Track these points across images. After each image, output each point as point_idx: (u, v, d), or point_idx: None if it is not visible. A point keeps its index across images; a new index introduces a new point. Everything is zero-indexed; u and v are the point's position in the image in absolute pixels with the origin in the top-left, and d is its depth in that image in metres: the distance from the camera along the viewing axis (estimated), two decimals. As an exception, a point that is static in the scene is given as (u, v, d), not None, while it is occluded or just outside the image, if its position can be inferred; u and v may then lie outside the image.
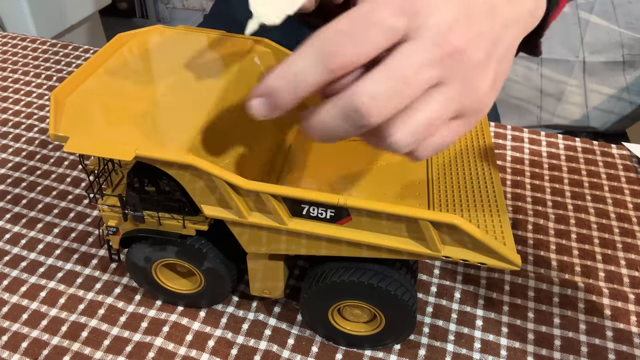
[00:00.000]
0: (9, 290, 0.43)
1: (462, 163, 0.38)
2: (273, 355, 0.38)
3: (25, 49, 0.73)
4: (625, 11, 1.41)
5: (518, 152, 0.57)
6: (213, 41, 0.42)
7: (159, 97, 0.35)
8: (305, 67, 0.24)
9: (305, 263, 0.45)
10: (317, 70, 0.23)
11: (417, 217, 0.29)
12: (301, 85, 0.24)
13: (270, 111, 0.26)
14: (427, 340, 0.39)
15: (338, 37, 0.23)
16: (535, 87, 1.52)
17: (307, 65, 0.24)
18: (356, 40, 0.23)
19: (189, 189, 0.32)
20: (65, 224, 0.48)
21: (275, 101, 0.25)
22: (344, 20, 0.24)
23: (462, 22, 0.25)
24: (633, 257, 0.46)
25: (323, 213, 0.31)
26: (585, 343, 0.39)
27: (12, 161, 0.55)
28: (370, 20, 0.23)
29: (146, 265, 0.39)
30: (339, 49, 0.23)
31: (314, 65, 0.23)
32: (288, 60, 0.24)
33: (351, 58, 0.23)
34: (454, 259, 0.31)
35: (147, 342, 0.39)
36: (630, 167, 0.55)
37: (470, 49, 0.25)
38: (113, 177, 0.38)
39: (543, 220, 0.49)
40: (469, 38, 0.24)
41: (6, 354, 0.38)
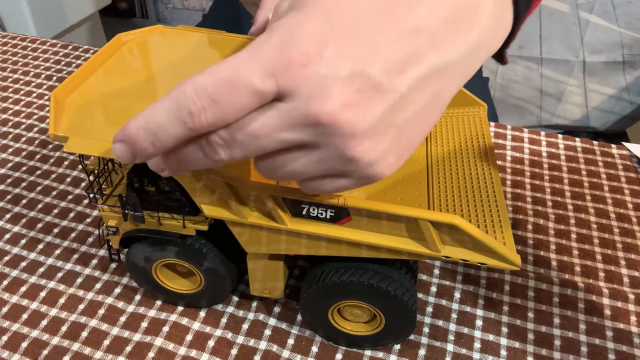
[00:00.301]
0: (9, 290, 0.43)
1: (462, 163, 0.38)
2: (273, 355, 0.38)
3: (25, 49, 0.73)
4: (625, 11, 1.41)
5: (518, 152, 0.57)
6: (213, 41, 0.42)
7: (159, 97, 0.35)
8: (166, 124, 0.22)
9: (305, 263, 0.45)
10: (178, 129, 0.22)
11: (417, 217, 0.29)
12: (162, 140, 0.23)
13: (133, 158, 0.24)
14: (427, 340, 0.39)
15: (201, 99, 0.21)
16: (535, 87, 1.53)
17: (168, 122, 0.22)
18: (220, 106, 0.21)
19: (189, 189, 0.32)
20: (65, 224, 0.48)
21: (136, 151, 0.24)
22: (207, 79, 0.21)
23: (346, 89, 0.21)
24: (633, 257, 0.46)
25: (323, 213, 0.31)
26: (585, 343, 0.39)
27: (12, 161, 0.55)
28: (236, 84, 0.21)
29: (146, 265, 0.39)
30: (201, 112, 0.21)
31: (175, 124, 0.22)
32: (150, 109, 0.23)
33: (215, 121, 0.22)
34: (454, 259, 0.31)
35: (147, 342, 0.39)
36: (630, 167, 0.55)
37: (349, 120, 0.21)
38: (113, 177, 0.38)
39: (543, 220, 0.49)
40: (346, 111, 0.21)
41: (6, 354, 0.38)
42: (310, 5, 0.22)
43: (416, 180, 0.36)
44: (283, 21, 0.22)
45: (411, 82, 0.22)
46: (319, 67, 0.21)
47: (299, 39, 0.21)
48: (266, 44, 0.21)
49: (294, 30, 0.21)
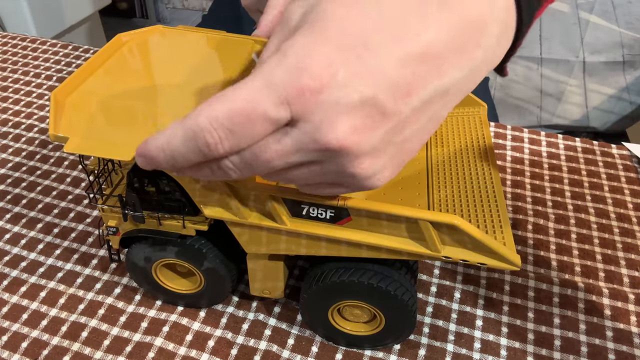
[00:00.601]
0: (9, 290, 0.43)
1: (462, 163, 0.38)
2: (273, 355, 0.38)
3: (25, 49, 0.73)
4: (625, 11, 1.41)
5: (518, 152, 0.57)
6: (213, 41, 0.42)
7: (159, 97, 0.35)
8: (184, 151, 0.23)
9: (305, 263, 0.45)
10: (194, 157, 0.23)
11: (417, 218, 0.29)
12: (179, 164, 0.24)
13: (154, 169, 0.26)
14: (427, 340, 0.39)
15: (217, 131, 0.22)
16: (535, 87, 1.53)
17: (186, 150, 0.23)
18: (236, 136, 0.22)
19: (189, 189, 0.32)
20: (65, 224, 0.48)
21: (156, 166, 0.25)
22: (223, 112, 0.22)
23: (356, 114, 0.22)
24: (633, 257, 0.46)
25: (323, 213, 0.31)
26: (585, 343, 0.39)
27: (12, 161, 0.55)
28: (251, 116, 0.21)
29: (146, 265, 0.39)
30: (218, 144, 0.22)
31: (192, 152, 0.23)
32: (168, 135, 0.24)
33: (230, 150, 0.23)
34: (454, 259, 0.31)
35: (147, 342, 0.39)
36: (630, 167, 0.55)
37: (352, 147, 0.22)
38: (113, 177, 0.38)
39: (543, 220, 0.49)
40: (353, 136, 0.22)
41: (6, 354, 0.38)
42: (321, 26, 0.22)
43: (416, 180, 0.36)
44: (294, 43, 0.22)
45: (415, 104, 0.23)
46: (331, 93, 0.21)
47: (312, 65, 0.21)
48: (279, 69, 0.21)
49: (306, 55, 0.21)
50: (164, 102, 0.35)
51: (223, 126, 0.22)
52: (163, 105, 0.35)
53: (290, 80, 0.21)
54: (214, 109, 0.22)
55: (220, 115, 0.22)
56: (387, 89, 0.22)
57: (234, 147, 0.23)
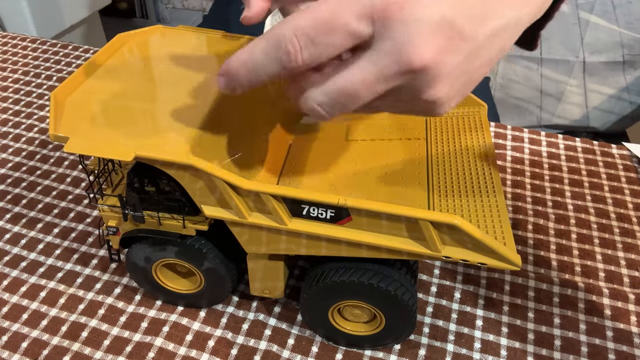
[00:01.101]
0: (9, 290, 0.43)
1: (462, 163, 0.38)
2: (273, 355, 0.38)
3: (25, 49, 0.73)
4: (625, 11, 1.41)
5: (518, 152, 0.57)
6: (213, 41, 0.42)
7: (159, 97, 0.35)
8: (265, 61, 0.24)
9: (305, 263, 0.45)
10: (275, 66, 0.24)
11: (417, 217, 0.29)
12: (260, 76, 0.25)
13: (231, 90, 0.27)
14: (427, 340, 0.39)
15: (299, 39, 0.23)
16: (535, 87, 1.52)
17: (267, 60, 0.24)
18: (317, 46, 0.23)
19: (189, 189, 0.32)
20: (65, 224, 0.48)
21: (235, 83, 0.26)
22: (307, 21, 0.22)
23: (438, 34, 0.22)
24: (633, 257, 0.46)
25: (323, 213, 0.31)
26: (585, 343, 0.39)
27: (12, 161, 0.55)
28: (333, 25, 0.22)
29: (146, 265, 0.39)
30: (298, 52, 0.23)
31: (274, 62, 0.24)
32: (251, 48, 0.24)
33: (310, 60, 0.23)
34: (454, 259, 0.31)
35: (147, 342, 0.39)
36: (630, 167, 0.55)
37: (434, 67, 0.23)
38: (113, 177, 0.38)
39: (543, 220, 0.49)
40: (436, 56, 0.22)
41: (6, 354, 0.38)
42: None
43: (416, 180, 0.36)
44: None
45: (490, 32, 0.23)
46: (414, 11, 0.22)
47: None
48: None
49: None
50: (164, 102, 0.35)
51: (305, 34, 0.22)
52: (163, 105, 0.35)
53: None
54: (299, 19, 0.22)
55: (304, 23, 0.22)
56: (466, 13, 0.22)
57: (313, 57, 0.23)
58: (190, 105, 0.35)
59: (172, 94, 0.36)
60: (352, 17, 0.22)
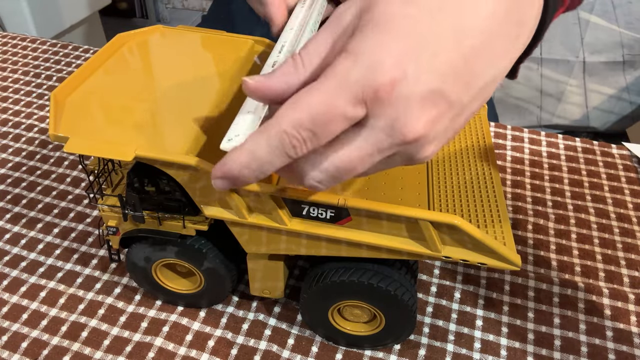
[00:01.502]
0: (9, 290, 0.43)
1: (462, 163, 0.38)
2: (273, 355, 0.38)
3: (25, 49, 0.73)
4: (625, 11, 1.41)
5: (518, 152, 0.57)
6: (213, 41, 0.42)
7: (159, 97, 0.35)
8: (272, 158, 0.25)
9: (305, 263, 0.45)
10: (280, 160, 0.25)
11: (417, 218, 0.29)
12: (267, 171, 0.26)
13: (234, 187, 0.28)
14: (427, 340, 0.39)
15: (301, 134, 0.24)
16: (535, 87, 1.52)
17: (273, 157, 0.25)
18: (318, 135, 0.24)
19: (189, 189, 0.32)
20: (65, 224, 0.48)
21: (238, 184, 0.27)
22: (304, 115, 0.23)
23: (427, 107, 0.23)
24: (633, 257, 0.46)
25: (323, 213, 0.31)
26: (585, 343, 0.39)
27: (12, 161, 0.55)
28: (331, 116, 0.23)
29: (146, 265, 0.39)
30: (303, 144, 0.24)
31: (280, 157, 0.24)
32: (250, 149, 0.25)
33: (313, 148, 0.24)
34: (454, 259, 0.31)
35: (147, 342, 0.39)
36: (630, 167, 0.55)
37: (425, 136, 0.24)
38: (113, 177, 0.38)
39: (543, 220, 0.49)
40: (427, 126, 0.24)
41: (6, 354, 0.38)
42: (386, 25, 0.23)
43: (416, 180, 0.36)
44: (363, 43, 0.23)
45: (473, 94, 0.25)
46: (403, 89, 0.23)
47: (385, 64, 0.22)
48: (353, 70, 0.23)
49: (378, 54, 0.22)
50: (164, 102, 0.35)
51: (306, 129, 0.23)
52: (163, 105, 0.35)
53: (365, 80, 0.22)
54: (295, 116, 0.23)
55: (303, 120, 0.23)
56: (452, 81, 0.23)
57: (315, 145, 0.24)
58: (190, 105, 0.35)
59: (172, 94, 0.36)
60: (347, 104, 0.23)
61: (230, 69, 0.39)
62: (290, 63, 0.25)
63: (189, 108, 0.35)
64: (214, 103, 0.35)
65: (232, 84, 0.38)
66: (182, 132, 0.33)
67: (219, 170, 0.26)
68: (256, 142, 0.25)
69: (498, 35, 0.24)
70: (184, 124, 0.33)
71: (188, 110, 0.34)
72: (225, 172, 0.26)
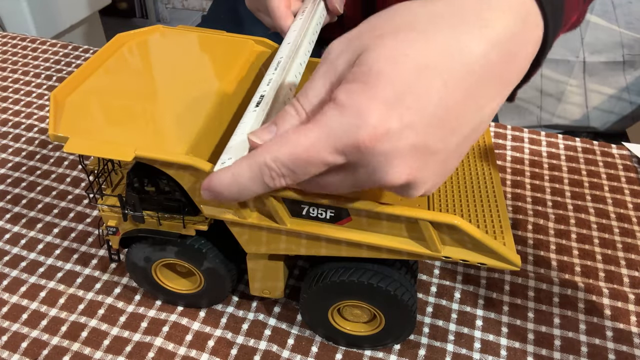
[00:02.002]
0: (9, 290, 0.43)
1: (462, 163, 0.38)
2: (273, 355, 0.38)
3: (25, 49, 0.73)
4: (625, 11, 1.41)
5: (518, 152, 0.57)
6: (213, 41, 0.42)
7: (159, 97, 0.35)
8: (250, 185, 0.26)
9: (305, 263, 0.45)
10: (259, 187, 0.27)
11: (417, 218, 0.29)
12: (245, 197, 0.27)
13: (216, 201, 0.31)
14: (427, 340, 0.39)
15: (281, 169, 0.25)
16: (535, 87, 1.52)
17: (252, 184, 0.26)
18: (296, 174, 0.25)
19: (189, 189, 0.32)
20: (65, 224, 0.48)
21: (221, 200, 0.28)
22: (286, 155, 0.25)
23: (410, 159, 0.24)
24: (633, 257, 0.46)
25: (323, 213, 0.31)
26: (585, 343, 0.39)
27: (12, 161, 0.55)
28: (310, 160, 0.24)
29: (146, 265, 0.39)
30: (281, 178, 0.26)
31: (257, 185, 0.26)
32: (234, 174, 0.26)
33: (291, 183, 0.26)
34: (454, 259, 0.31)
35: (147, 342, 0.39)
36: (630, 167, 0.55)
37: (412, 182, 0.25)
38: (113, 177, 0.38)
39: (543, 220, 0.49)
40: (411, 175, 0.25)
41: (6, 354, 0.38)
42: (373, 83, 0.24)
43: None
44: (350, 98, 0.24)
45: (461, 138, 0.25)
46: (385, 145, 0.24)
47: (368, 120, 0.23)
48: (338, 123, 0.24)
49: (363, 111, 0.23)
50: (164, 102, 0.35)
51: (286, 166, 0.25)
52: (163, 105, 0.35)
53: (348, 134, 0.23)
54: (279, 152, 0.25)
55: (284, 158, 0.25)
56: (436, 132, 0.24)
57: (293, 180, 0.26)
58: (189, 105, 0.35)
59: (171, 94, 0.36)
60: (327, 153, 0.24)
61: (230, 69, 0.39)
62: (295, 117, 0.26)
63: (189, 108, 0.35)
64: (214, 103, 0.35)
65: (232, 84, 0.38)
66: (181, 132, 0.33)
67: (206, 184, 0.27)
68: (240, 167, 0.26)
69: (488, 81, 0.25)
70: (183, 124, 0.33)
71: (188, 110, 0.34)
72: (210, 188, 0.27)
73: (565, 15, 0.30)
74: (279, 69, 0.34)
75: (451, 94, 0.24)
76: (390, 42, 0.24)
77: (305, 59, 0.37)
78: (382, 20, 0.26)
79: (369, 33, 0.25)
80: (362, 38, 0.25)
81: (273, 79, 0.33)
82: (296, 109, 0.27)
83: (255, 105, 0.31)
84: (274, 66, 0.34)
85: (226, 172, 0.27)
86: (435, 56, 0.24)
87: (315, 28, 0.40)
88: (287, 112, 0.27)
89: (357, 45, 0.25)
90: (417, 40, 0.24)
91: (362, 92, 0.24)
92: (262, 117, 0.30)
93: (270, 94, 0.32)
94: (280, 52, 0.36)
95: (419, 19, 0.25)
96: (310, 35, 0.39)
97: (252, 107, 0.31)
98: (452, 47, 0.24)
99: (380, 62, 0.24)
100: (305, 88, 0.27)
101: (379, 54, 0.24)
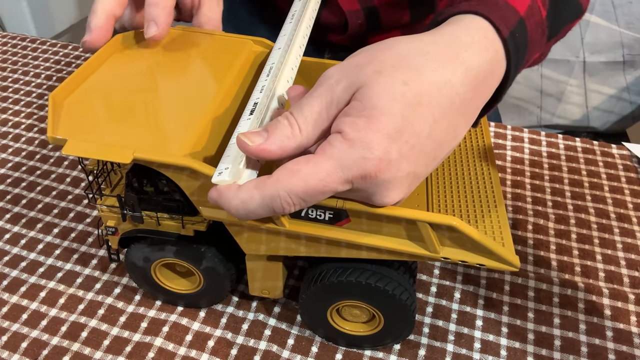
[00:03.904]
0: (9, 290, 0.43)
1: (462, 163, 0.38)
2: (273, 355, 0.38)
3: (25, 49, 0.73)
4: (625, 11, 1.41)
5: (518, 152, 0.57)
6: (213, 41, 0.42)
7: (158, 98, 0.35)
8: (259, 210, 0.28)
9: (304, 263, 0.45)
10: (266, 213, 0.28)
11: (416, 219, 0.29)
12: (250, 218, 0.30)
13: None
14: (427, 340, 0.39)
15: (293, 199, 0.27)
16: (535, 87, 1.52)
17: (261, 210, 0.28)
18: (306, 202, 0.28)
19: (187, 191, 0.32)
20: (65, 224, 0.48)
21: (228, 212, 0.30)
22: (300, 188, 0.27)
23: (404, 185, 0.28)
24: (633, 257, 0.46)
25: (322, 215, 0.31)
26: (585, 343, 0.39)
27: (12, 161, 0.55)
28: (322, 191, 0.27)
29: (145, 265, 0.39)
30: (291, 207, 0.28)
31: (266, 211, 0.28)
32: (245, 196, 0.28)
33: (299, 209, 0.29)
34: (453, 260, 0.31)
35: (146, 342, 0.39)
36: (630, 167, 0.55)
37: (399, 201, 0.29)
38: (112, 177, 0.38)
39: (543, 220, 0.49)
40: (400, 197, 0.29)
41: (6, 354, 0.38)
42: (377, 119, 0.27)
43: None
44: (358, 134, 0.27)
45: (437, 163, 0.30)
46: (386, 174, 0.27)
47: (374, 154, 0.26)
48: (348, 156, 0.27)
49: (369, 143, 0.26)
50: (163, 103, 0.35)
51: (299, 197, 0.27)
52: (161, 105, 0.35)
53: (356, 168, 0.27)
54: (293, 185, 0.27)
55: (298, 190, 0.27)
56: (423, 161, 0.28)
57: (301, 207, 0.28)
58: (188, 106, 0.35)
59: (170, 94, 0.36)
60: (338, 184, 0.27)
61: (228, 69, 0.39)
62: (287, 128, 0.28)
63: (188, 108, 0.35)
64: (212, 103, 0.35)
65: (231, 84, 0.38)
66: (180, 133, 0.33)
67: (214, 194, 0.29)
68: (251, 195, 0.28)
69: (463, 112, 0.29)
70: (182, 125, 0.33)
71: (186, 110, 0.34)
72: (216, 202, 0.29)
73: (528, 54, 0.33)
74: (271, 75, 0.34)
75: (438, 126, 0.28)
76: (389, 80, 0.27)
77: (297, 62, 0.37)
78: (379, 52, 0.29)
79: (368, 66, 0.28)
80: (362, 71, 0.28)
81: (266, 86, 0.33)
82: (289, 122, 0.28)
83: (250, 113, 0.31)
84: (266, 72, 0.35)
85: (235, 197, 0.28)
86: (426, 93, 0.27)
87: (305, 32, 0.40)
88: (280, 122, 0.28)
89: (356, 77, 0.28)
90: (411, 79, 0.27)
91: (367, 127, 0.26)
92: (256, 124, 0.31)
93: (264, 101, 0.32)
94: (272, 57, 0.37)
95: (410, 54, 0.28)
96: (300, 39, 0.39)
97: (247, 115, 0.32)
98: (439, 83, 0.28)
99: (381, 99, 0.27)
100: (300, 104, 0.29)
101: (379, 92, 0.27)
